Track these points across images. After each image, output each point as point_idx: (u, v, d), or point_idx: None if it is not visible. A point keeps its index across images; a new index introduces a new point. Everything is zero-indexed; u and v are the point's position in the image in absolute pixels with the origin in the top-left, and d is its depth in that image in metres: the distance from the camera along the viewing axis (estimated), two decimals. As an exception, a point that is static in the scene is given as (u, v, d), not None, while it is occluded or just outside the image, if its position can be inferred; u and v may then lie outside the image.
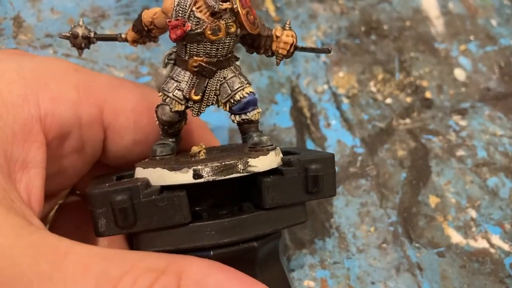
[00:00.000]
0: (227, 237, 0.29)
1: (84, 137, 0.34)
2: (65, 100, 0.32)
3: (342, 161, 0.50)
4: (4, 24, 0.52)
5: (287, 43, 0.33)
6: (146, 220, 0.28)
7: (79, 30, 0.33)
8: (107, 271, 0.24)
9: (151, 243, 0.29)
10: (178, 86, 0.32)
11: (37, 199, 0.29)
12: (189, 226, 0.29)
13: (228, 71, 0.32)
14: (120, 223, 0.28)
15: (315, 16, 0.59)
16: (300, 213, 0.33)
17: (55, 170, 0.33)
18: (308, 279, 0.43)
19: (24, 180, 0.29)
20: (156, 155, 0.32)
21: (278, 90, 0.54)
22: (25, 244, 0.24)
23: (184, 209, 0.28)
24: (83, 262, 0.24)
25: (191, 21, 0.30)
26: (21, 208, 0.26)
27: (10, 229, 0.24)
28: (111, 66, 0.52)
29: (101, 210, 0.28)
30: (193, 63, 0.31)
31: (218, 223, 0.29)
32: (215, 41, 0.30)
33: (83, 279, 0.24)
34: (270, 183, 0.30)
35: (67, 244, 0.25)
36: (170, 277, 0.25)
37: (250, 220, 0.30)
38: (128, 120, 0.35)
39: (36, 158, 0.29)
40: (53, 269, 0.24)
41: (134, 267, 0.25)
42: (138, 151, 0.37)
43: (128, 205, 0.27)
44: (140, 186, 0.28)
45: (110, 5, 0.55)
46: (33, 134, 0.29)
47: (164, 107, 0.32)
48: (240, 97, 0.32)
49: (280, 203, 0.30)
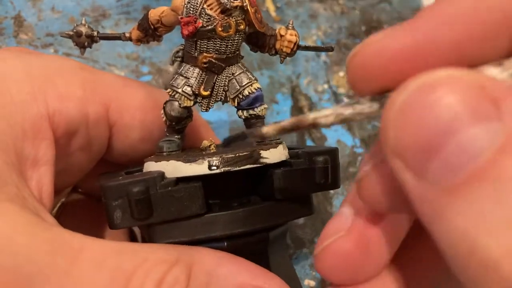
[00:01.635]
0: (241, 227, 0.29)
1: (91, 135, 0.34)
2: (72, 98, 0.32)
3: (342, 161, 0.50)
4: (5, 23, 0.52)
5: (291, 41, 0.34)
6: (162, 211, 0.28)
7: (82, 28, 0.34)
8: (121, 265, 0.25)
9: (166, 234, 0.29)
10: (187, 82, 0.32)
11: (48, 196, 0.29)
12: (204, 217, 0.29)
13: (236, 67, 0.33)
14: (137, 215, 0.28)
15: (316, 16, 0.59)
16: (308, 205, 0.33)
17: (62, 167, 0.33)
18: (308, 278, 0.43)
19: (35, 177, 0.29)
20: (163, 151, 0.33)
21: (278, 90, 0.54)
22: (40, 241, 0.24)
23: (200, 199, 0.29)
24: (97, 257, 0.24)
25: (202, 18, 0.30)
26: (34, 205, 0.27)
27: (25, 227, 0.24)
28: (112, 65, 0.52)
29: (117, 202, 0.28)
30: (203, 59, 0.32)
31: (232, 214, 0.29)
32: (225, 38, 0.31)
33: (99, 273, 0.24)
34: (281, 174, 0.30)
35: (81, 239, 0.25)
36: (181, 269, 0.26)
37: (263, 211, 0.30)
38: (133, 118, 0.36)
39: (46, 155, 0.30)
40: (69, 264, 0.24)
41: (147, 260, 0.25)
42: (142, 149, 0.37)
43: (145, 196, 0.28)
44: (156, 177, 0.28)
45: (110, 4, 0.55)
46: (43, 132, 0.30)
47: (173, 103, 0.32)
48: (249, 92, 0.33)
49: (290, 194, 0.31)
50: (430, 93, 0.18)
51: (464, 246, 0.17)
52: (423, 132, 0.18)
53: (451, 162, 0.17)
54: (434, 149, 0.18)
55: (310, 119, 0.22)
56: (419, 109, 0.18)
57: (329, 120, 0.21)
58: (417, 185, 0.18)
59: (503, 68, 0.19)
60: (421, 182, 0.18)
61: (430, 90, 0.18)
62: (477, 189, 0.17)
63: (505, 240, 0.16)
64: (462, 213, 0.17)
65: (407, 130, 0.18)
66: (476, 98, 0.17)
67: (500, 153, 0.17)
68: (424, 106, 0.18)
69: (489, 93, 0.17)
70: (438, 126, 0.17)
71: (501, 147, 0.17)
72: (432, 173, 0.18)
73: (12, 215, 0.25)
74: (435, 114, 0.18)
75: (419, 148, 0.18)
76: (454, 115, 0.17)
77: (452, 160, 0.17)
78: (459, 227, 0.17)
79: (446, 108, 0.17)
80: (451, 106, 0.17)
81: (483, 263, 0.17)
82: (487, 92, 0.17)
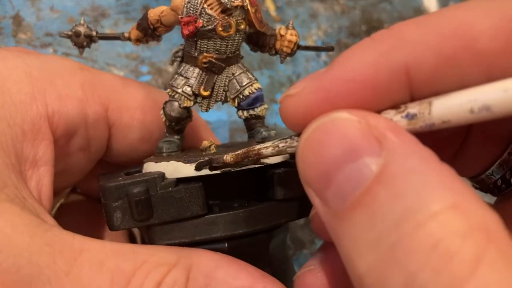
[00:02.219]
0: (242, 228, 0.29)
1: (90, 135, 0.34)
2: (72, 98, 0.32)
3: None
4: (3, 22, 0.52)
5: (292, 41, 0.34)
6: (163, 212, 0.28)
7: (81, 28, 0.33)
8: (120, 266, 0.25)
9: (166, 235, 0.29)
10: (187, 82, 0.32)
11: (47, 196, 0.29)
12: (205, 217, 0.29)
13: (236, 67, 0.33)
14: (136, 216, 0.28)
15: (316, 16, 0.59)
16: (309, 205, 0.33)
17: (61, 168, 0.33)
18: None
19: (34, 178, 0.29)
20: (162, 151, 0.33)
21: (278, 90, 0.54)
22: (40, 242, 0.24)
23: (200, 200, 0.29)
24: (97, 258, 0.25)
25: (202, 17, 0.30)
26: (33, 206, 0.27)
27: (25, 227, 0.24)
28: (111, 65, 0.52)
29: (117, 203, 0.28)
30: (203, 59, 0.31)
31: (232, 214, 0.29)
32: (225, 38, 0.31)
33: (99, 275, 0.24)
34: (282, 175, 0.30)
35: (81, 240, 0.25)
36: (180, 271, 0.26)
37: (263, 211, 0.30)
38: (132, 119, 0.35)
39: (45, 156, 0.29)
40: (69, 265, 0.24)
41: (146, 262, 0.25)
42: (142, 149, 0.37)
43: (145, 197, 0.28)
44: (157, 178, 0.28)
45: (110, 4, 0.55)
46: (42, 132, 0.29)
47: (173, 103, 0.32)
48: (249, 92, 0.32)
49: (291, 194, 0.30)
50: (324, 131, 0.21)
51: (348, 264, 0.20)
52: (319, 165, 0.21)
53: (342, 191, 0.20)
54: (328, 179, 0.20)
55: (256, 150, 0.26)
56: (315, 145, 0.21)
57: (269, 151, 0.26)
58: (322, 210, 0.21)
59: (398, 111, 0.22)
60: (324, 207, 0.21)
61: (324, 128, 0.21)
62: (356, 215, 0.19)
63: (368, 259, 0.19)
64: (346, 235, 0.20)
65: (308, 162, 0.21)
66: (362, 136, 0.20)
67: (375, 183, 0.19)
68: (319, 142, 0.21)
69: (374, 131, 0.20)
70: (330, 159, 0.20)
71: (376, 178, 0.19)
72: (329, 199, 0.20)
73: (12, 216, 0.25)
74: (327, 148, 0.20)
75: (318, 178, 0.21)
76: (343, 150, 0.20)
77: (342, 189, 0.20)
78: (344, 247, 0.20)
79: (336, 143, 0.20)
80: (340, 142, 0.20)
81: (356, 278, 0.19)
82: (372, 130, 0.20)
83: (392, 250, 0.18)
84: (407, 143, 0.20)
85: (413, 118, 0.21)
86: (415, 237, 0.17)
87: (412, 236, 0.18)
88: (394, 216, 0.18)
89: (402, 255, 0.18)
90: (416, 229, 0.18)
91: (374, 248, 0.19)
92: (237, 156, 0.27)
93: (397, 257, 0.18)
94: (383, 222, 0.18)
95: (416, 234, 0.18)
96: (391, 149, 0.19)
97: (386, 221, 0.18)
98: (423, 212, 0.18)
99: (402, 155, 0.19)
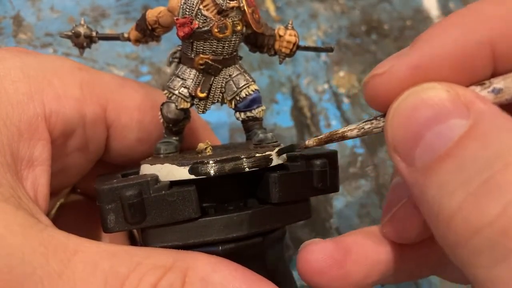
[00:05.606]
0: (236, 232, 0.29)
1: (88, 136, 0.34)
2: (69, 98, 0.32)
3: (342, 162, 0.50)
4: (4, 23, 0.52)
5: (290, 42, 0.33)
6: (156, 215, 0.28)
7: (81, 29, 0.33)
8: (115, 268, 0.24)
9: (159, 238, 0.29)
10: (184, 84, 0.32)
11: (43, 196, 0.29)
12: (198, 221, 0.29)
13: (233, 69, 0.32)
14: (130, 219, 0.28)
15: (316, 16, 0.59)
16: (306, 209, 0.33)
17: (59, 168, 0.33)
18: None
19: (30, 178, 0.29)
20: (160, 153, 0.32)
21: (278, 90, 0.54)
22: (34, 242, 0.24)
23: (194, 203, 0.28)
24: (92, 260, 0.24)
25: (198, 19, 0.30)
26: (28, 206, 0.26)
27: (19, 227, 0.24)
28: (111, 65, 0.52)
29: (111, 205, 0.28)
30: (199, 61, 0.31)
31: (226, 218, 0.29)
32: (221, 39, 0.31)
33: (92, 276, 0.24)
34: (277, 178, 0.30)
35: (75, 241, 0.25)
36: (176, 274, 0.25)
37: (258, 215, 0.30)
38: (131, 119, 0.35)
39: (41, 156, 0.29)
40: (62, 266, 0.24)
41: (141, 264, 0.25)
42: (140, 150, 0.37)
43: (138, 200, 0.27)
44: (150, 181, 0.28)
45: (110, 4, 0.55)
46: (39, 132, 0.29)
47: (170, 105, 0.32)
48: (246, 94, 0.32)
49: (287, 198, 0.30)
50: (416, 97, 0.23)
51: (433, 210, 0.22)
52: (409, 127, 0.23)
53: (430, 147, 0.22)
54: (417, 138, 0.22)
55: (340, 133, 0.27)
56: (406, 110, 0.23)
57: (354, 133, 0.27)
58: (408, 172, 0.23)
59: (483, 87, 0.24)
60: (410, 169, 0.23)
61: (416, 95, 0.23)
62: (444, 165, 0.21)
63: (458, 197, 0.21)
64: (434, 184, 0.22)
65: (397, 126, 0.23)
66: (451, 101, 0.22)
67: (464, 138, 0.21)
68: (411, 107, 0.23)
69: (462, 99, 0.22)
70: (420, 120, 0.22)
71: (466, 133, 0.21)
72: (416, 158, 0.22)
73: (7, 215, 0.25)
74: (418, 112, 0.23)
75: (407, 139, 0.23)
76: (433, 112, 0.22)
77: (431, 145, 0.22)
78: (430, 196, 0.22)
79: (427, 107, 0.22)
80: (431, 106, 0.22)
81: (443, 221, 0.21)
82: (461, 98, 0.22)
83: (484, 185, 0.20)
84: (494, 108, 0.22)
85: (499, 92, 0.24)
86: (508, 171, 0.20)
87: (505, 171, 0.20)
88: (484, 160, 0.20)
89: (495, 188, 0.20)
90: (507, 166, 0.20)
91: (464, 187, 0.21)
92: (319, 140, 0.28)
93: (491, 190, 0.20)
94: (473, 165, 0.21)
95: (508, 169, 0.20)
96: (479, 112, 0.22)
97: (476, 164, 0.21)
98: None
99: (490, 116, 0.22)
